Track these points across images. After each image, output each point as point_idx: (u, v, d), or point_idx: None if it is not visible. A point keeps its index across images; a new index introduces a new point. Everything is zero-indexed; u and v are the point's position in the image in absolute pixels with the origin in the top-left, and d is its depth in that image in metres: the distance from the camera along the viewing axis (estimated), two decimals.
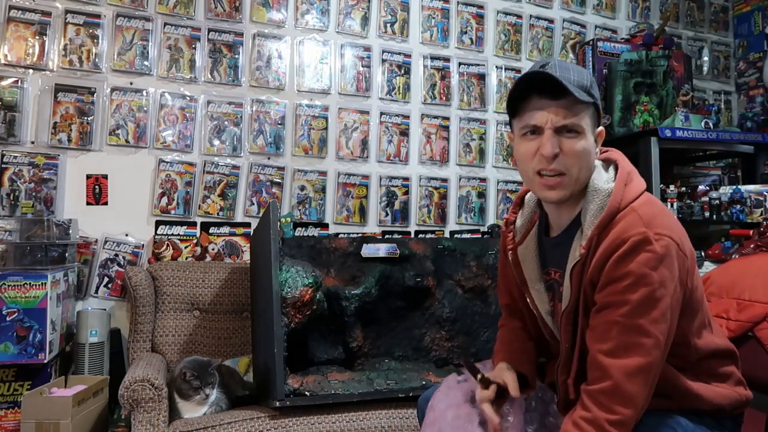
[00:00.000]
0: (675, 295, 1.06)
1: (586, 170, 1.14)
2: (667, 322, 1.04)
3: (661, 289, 1.03)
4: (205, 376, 1.87)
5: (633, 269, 1.03)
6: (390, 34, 2.98)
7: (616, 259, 1.05)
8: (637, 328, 1.03)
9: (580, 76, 1.13)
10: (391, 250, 2.42)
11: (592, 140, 1.14)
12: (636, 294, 1.03)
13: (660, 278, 1.03)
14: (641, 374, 1.02)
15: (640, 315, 1.02)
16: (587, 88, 1.12)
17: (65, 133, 2.44)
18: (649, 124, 2.89)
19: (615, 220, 1.08)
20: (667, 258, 1.04)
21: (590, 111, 1.14)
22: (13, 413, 2.03)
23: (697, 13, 3.75)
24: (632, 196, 1.11)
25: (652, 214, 1.08)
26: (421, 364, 2.33)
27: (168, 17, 2.62)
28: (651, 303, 1.02)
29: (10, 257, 2.20)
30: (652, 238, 1.04)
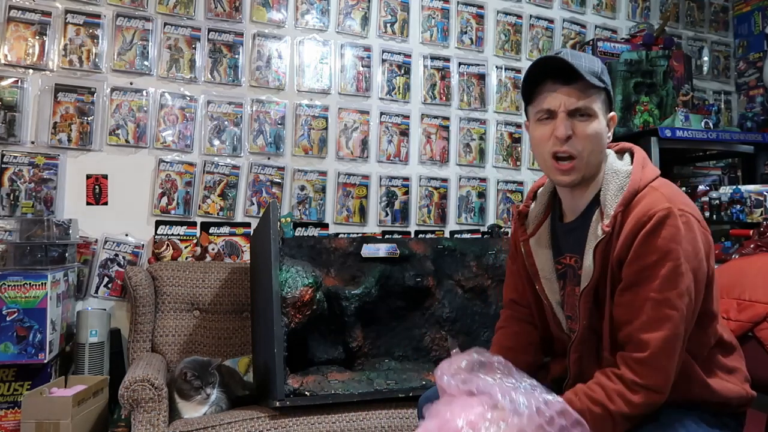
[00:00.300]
0: (700, 270, 1.10)
1: (598, 153, 1.18)
2: (691, 296, 1.08)
3: (685, 263, 1.07)
4: (205, 376, 1.87)
5: (660, 245, 1.07)
6: (390, 34, 2.98)
7: (644, 234, 1.08)
8: (665, 301, 1.06)
9: (591, 63, 1.17)
10: (391, 250, 2.42)
11: (604, 124, 1.18)
12: (664, 269, 1.06)
13: (684, 253, 1.07)
14: (671, 346, 1.06)
15: (668, 289, 1.06)
16: (599, 74, 1.17)
17: (65, 133, 2.44)
18: (649, 124, 2.89)
19: (637, 198, 1.12)
20: (690, 233, 1.09)
21: (602, 96, 1.18)
22: (13, 413, 2.03)
23: (697, 13, 3.75)
24: (650, 177, 1.16)
25: (673, 193, 1.13)
26: (421, 364, 2.33)
27: (168, 17, 2.62)
28: (677, 277, 1.06)
29: (10, 257, 2.20)
30: (676, 214, 1.08)
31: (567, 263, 1.26)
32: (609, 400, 1.07)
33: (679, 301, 1.06)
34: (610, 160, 1.21)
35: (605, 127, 1.19)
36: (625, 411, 1.06)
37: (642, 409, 1.07)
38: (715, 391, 1.15)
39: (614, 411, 1.06)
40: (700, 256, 1.10)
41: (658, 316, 1.06)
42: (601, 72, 1.18)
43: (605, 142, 1.20)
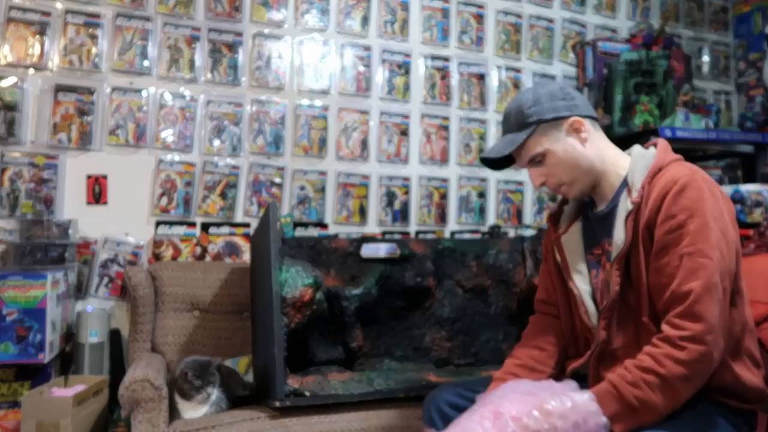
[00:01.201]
0: (728, 231, 1.15)
1: (579, 168, 1.28)
2: (722, 252, 1.12)
3: (713, 221, 1.12)
4: (206, 376, 1.87)
5: (686, 204, 1.13)
6: (390, 34, 2.98)
7: (671, 196, 1.15)
8: (698, 252, 1.10)
9: (518, 112, 1.30)
10: (391, 250, 2.42)
11: (563, 144, 1.28)
12: (692, 224, 1.12)
13: (711, 210, 1.13)
14: (708, 293, 1.08)
15: (699, 241, 1.11)
16: (527, 114, 1.28)
17: (65, 133, 2.44)
18: (649, 124, 2.89)
19: (662, 171, 1.21)
20: (714, 198, 1.15)
21: (541, 128, 1.28)
22: (13, 413, 2.03)
23: (697, 13, 3.74)
24: (674, 157, 1.26)
25: (696, 168, 1.21)
26: (421, 364, 2.33)
27: (168, 17, 2.62)
28: (706, 231, 1.11)
29: (10, 257, 2.20)
30: (699, 179, 1.16)
31: (599, 253, 1.32)
32: (659, 365, 1.08)
33: (712, 252, 1.10)
34: (637, 148, 1.31)
35: (566, 145, 1.27)
36: (677, 372, 1.06)
37: (693, 366, 1.07)
38: (737, 377, 1.15)
39: (666, 374, 1.07)
40: (725, 218, 1.15)
41: (692, 266, 1.10)
42: (531, 106, 1.28)
43: (578, 152, 1.28)
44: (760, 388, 1.19)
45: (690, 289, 1.09)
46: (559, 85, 1.35)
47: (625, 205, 1.23)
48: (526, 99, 1.30)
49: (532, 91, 1.32)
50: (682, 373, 1.06)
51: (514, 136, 1.29)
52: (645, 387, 1.07)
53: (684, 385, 1.07)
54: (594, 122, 1.32)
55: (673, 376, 1.06)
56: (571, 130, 1.28)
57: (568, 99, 1.30)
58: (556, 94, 1.30)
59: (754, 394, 1.18)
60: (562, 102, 1.29)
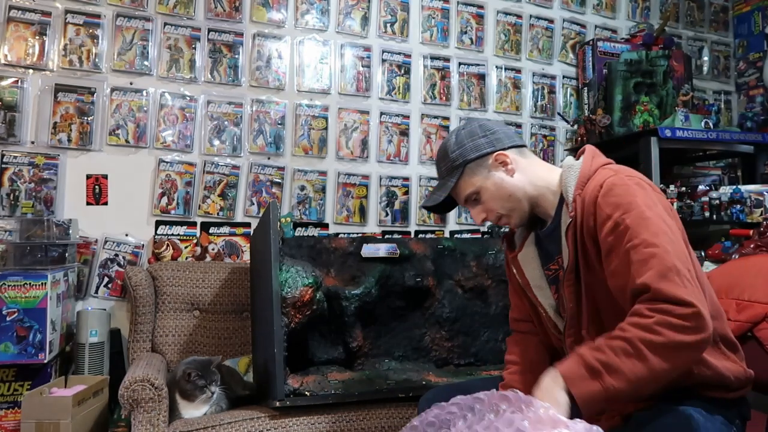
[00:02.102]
0: (666, 217, 1.14)
1: (513, 197, 1.31)
2: (669, 234, 1.10)
3: (647, 210, 1.12)
4: (208, 375, 1.87)
5: (617, 201, 1.14)
6: (390, 34, 2.98)
7: (601, 199, 1.17)
8: (642, 243, 1.09)
9: (444, 157, 1.34)
10: (391, 250, 2.42)
11: (491, 180, 1.31)
12: (629, 218, 1.12)
13: (643, 201, 1.13)
14: (665, 278, 1.04)
15: (640, 233, 1.10)
16: (453, 158, 1.32)
17: (65, 133, 2.44)
18: (649, 124, 2.89)
19: (590, 179, 1.23)
20: (642, 189, 1.16)
21: (468, 168, 1.31)
22: (13, 413, 2.03)
23: (697, 13, 3.75)
24: (601, 162, 1.28)
25: (621, 167, 1.25)
26: (421, 364, 2.33)
27: (168, 17, 2.62)
28: (644, 221, 1.11)
29: (10, 257, 2.20)
30: (624, 177, 1.19)
31: (555, 268, 1.32)
32: (623, 331, 1.04)
33: (656, 239, 1.08)
34: (566, 161, 1.32)
35: (495, 179, 1.30)
36: (644, 336, 1.01)
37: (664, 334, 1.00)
38: (715, 369, 1.14)
39: (632, 337, 1.02)
40: (659, 206, 1.15)
41: (641, 258, 1.07)
42: (455, 150, 1.32)
43: (508, 184, 1.31)
44: (741, 372, 1.18)
45: (644, 281, 1.05)
46: (478, 123, 1.36)
47: (565, 219, 1.25)
48: (449, 144, 1.34)
49: (455, 134, 1.35)
50: (649, 338, 1.01)
51: (446, 182, 1.33)
52: (608, 351, 1.03)
53: (655, 352, 1.00)
54: (520, 149, 1.34)
55: (640, 339, 1.01)
56: (497, 165, 1.31)
57: (489, 135, 1.33)
58: (475, 132, 1.33)
59: (737, 381, 1.17)
60: (483, 139, 1.32)
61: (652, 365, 1.01)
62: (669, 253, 1.06)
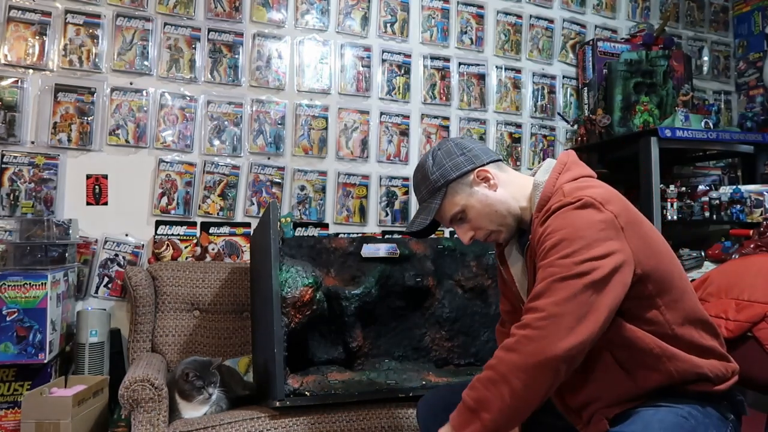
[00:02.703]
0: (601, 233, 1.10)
1: (499, 212, 1.30)
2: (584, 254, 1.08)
3: (574, 231, 1.11)
4: (207, 376, 1.87)
5: (549, 223, 1.16)
6: (390, 34, 2.98)
7: (538, 223, 1.19)
8: (548, 263, 1.11)
9: (424, 179, 1.33)
10: (391, 250, 2.42)
11: (476, 197, 1.30)
12: (549, 240, 1.13)
13: (572, 222, 1.12)
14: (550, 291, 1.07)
15: (552, 254, 1.11)
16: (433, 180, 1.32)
17: (65, 133, 2.44)
18: (649, 124, 2.89)
19: (548, 201, 1.22)
20: (582, 210, 1.13)
21: (452, 188, 1.31)
22: (13, 413, 2.03)
23: (697, 13, 3.75)
24: (564, 180, 1.24)
25: (578, 188, 1.20)
26: (421, 364, 2.33)
27: (168, 17, 2.62)
28: (563, 243, 1.11)
29: (10, 257, 2.20)
30: (568, 202, 1.16)
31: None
32: (493, 359, 1.10)
33: (564, 261, 1.08)
34: (537, 175, 1.32)
35: (480, 196, 1.30)
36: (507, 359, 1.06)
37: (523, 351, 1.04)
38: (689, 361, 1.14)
39: (496, 365, 1.08)
40: (593, 227, 1.11)
41: (543, 276, 1.10)
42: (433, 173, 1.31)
43: (492, 199, 1.30)
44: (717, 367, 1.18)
45: (535, 293, 1.10)
46: (453, 142, 1.36)
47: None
48: (427, 166, 1.33)
49: (430, 156, 1.35)
50: (511, 360, 1.05)
51: (429, 204, 1.33)
52: (478, 385, 1.08)
53: (515, 371, 1.04)
54: (497, 164, 1.34)
55: (504, 364, 1.06)
56: (479, 181, 1.31)
57: (467, 152, 1.33)
58: (452, 151, 1.33)
59: (715, 377, 1.17)
60: (462, 158, 1.32)
61: (518, 385, 1.03)
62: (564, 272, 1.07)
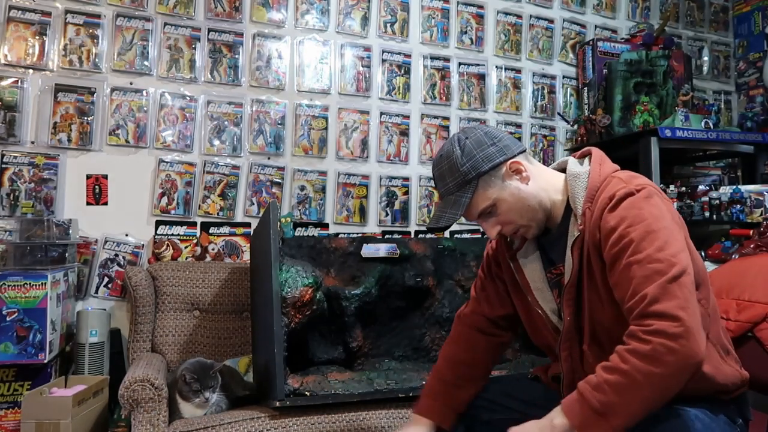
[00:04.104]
0: (675, 225, 1.13)
1: (529, 207, 1.25)
2: (675, 246, 1.08)
3: (656, 222, 1.10)
4: (205, 380, 1.85)
5: (624, 214, 1.12)
6: (390, 34, 2.98)
7: (607, 212, 1.14)
8: (646, 259, 1.06)
9: (452, 171, 1.23)
10: (391, 250, 2.42)
11: (508, 191, 1.24)
12: (635, 232, 1.09)
13: (650, 213, 1.11)
14: (666, 293, 1.02)
15: (645, 247, 1.07)
16: (464, 171, 1.22)
17: (65, 133, 2.44)
18: (649, 124, 2.89)
19: (599, 189, 1.19)
20: (652, 199, 1.14)
21: (483, 181, 1.23)
22: (13, 413, 2.03)
23: (697, 13, 3.75)
24: (609, 170, 1.23)
25: (631, 176, 1.20)
26: (421, 364, 2.33)
27: (168, 17, 2.62)
28: (651, 235, 1.08)
29: (10, 257, 2.20)
30: (634, 190, 1.14)
31: (558, 272, 1.28)
32: (622, 361, 1.02)
33: (661, 254, 1.06)
34: (570, 166, 1.28)
35: (512, 189, 1.24)
36: (641, 367, 1.00)
37: (660, 360, 0.99)
38: (709, 379, 1.14)
39: (630, 371, 1.00)
40: (667, 218, 1.12)
41: (644, 273, 1.05)
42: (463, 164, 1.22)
43: (525, 193, 1.24)
44: (737, 376, 1.19)
45: (646, 293, 1.04)
46: (482, 130, 1.27)
47: (573, 231, 1.21)
48: (455, 156, 1.23)
49: (458, 144, 1.25)
50: (646, 368, 1.00)
51: (458, 198, 1.23)
52: (608, 389, 1.02)
53: (653, 381, 1.00)
54: (525, 155, 1.29)
55: (639, 371, 1.00)
56: (511, 173, 1.24)
57: (497, 142, 1.25)
58: (483, 141, 1.24)
59: (733, 386, 1.18)
60: (493, 148, 1.24)
61: (653, 393, 1.01)
62: (672, 268, 1.04)
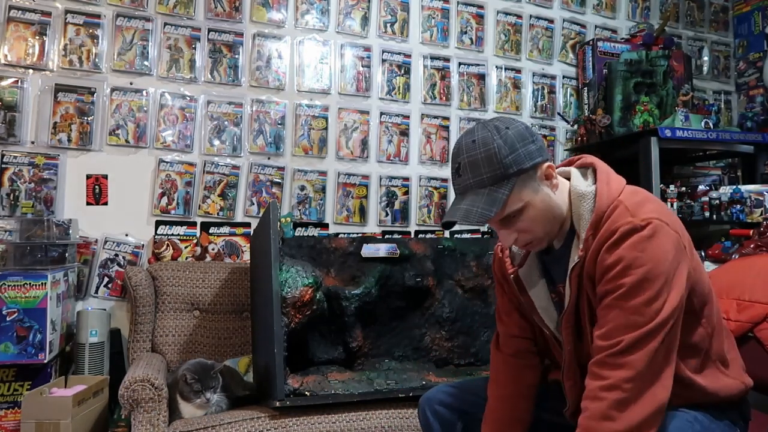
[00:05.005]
0: (676, 274, 1.05)
1: (552, 219, 1.15)
2: (665, 299, 1.03)
3: (655, 267, 1.04)
4: (206, 380, 1.86)
5: (623, 254, 1.05)
6: (390, 34, 2.98)
7: (607, 248, 1.07)
8: (632, 308, 1.03)
9: (491, 160, 1.09)
10: (391, 250, 2.42)
11: (540, 196, 1.13)
12: (630, 277, 1.04)
13: (652, 256, 1.04)
14: (637, 346, 1.02)
15: (634, 296, 1.03)
16: (506, 164, 1.09)
17: (65, 133, 2.44)
18: (649, 124, 2.89)
19: (605, 216, 1.11)
20: (656, 237, 1.05)
21: (521, 179, 1.10)
22: (13, 413, 2.03)
23: (697, 13, 3.75)
24: (616, 191, 1.13)
25: (638, 203, 1.11)
26: (421, 364, 2.33)
27: (168, 17, 2.62)
28: (645, 283, 1.03)
29: (10, 257, 2.19)
30: (639, 225, 1.06)
31: (561, 292, 1.23)
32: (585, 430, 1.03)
33: (647, 308, 1.03)
34: (574, 182, 1.18)
35: (543, 195, 1.13)
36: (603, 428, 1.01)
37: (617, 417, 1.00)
38: (715, 395, 1.15)
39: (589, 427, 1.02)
40: (670, 255, 1.05)
41: (626, 322, 1.03)
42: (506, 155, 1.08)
43: (553, 202, 1.15)
44: (740, 387, 1.19)
45: (620, 340, 1.03)
46: (522, 124, 1.15)
47: (574, 255, 1.15)
48: (496, 145, 1.09)
49: (497, 132, 1.11)
50: (610, 428, 1.01)
51: (493, 193, 1.09)
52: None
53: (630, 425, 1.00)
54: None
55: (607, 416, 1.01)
56: (544, 177, 1.13)
57: (537, 141, 1.14)
58: (525, 136, 1.12)
59: (738, 395, 1.18)
60: (533, 146, 1.12)
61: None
62: (651, 323, 1.02)
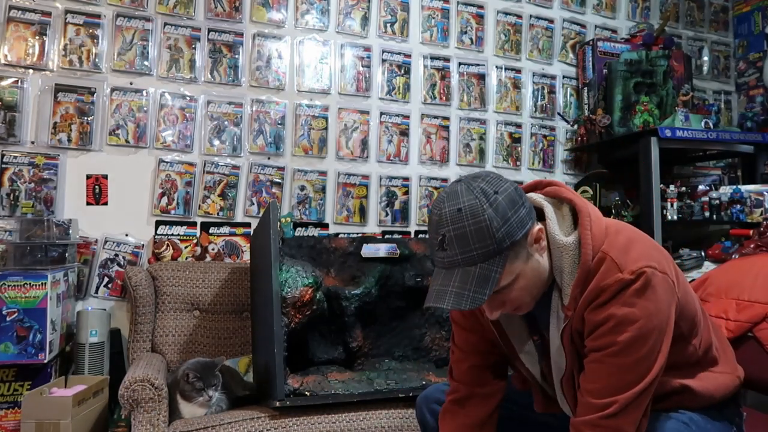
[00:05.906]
0: (668, 322, 1.03)
1: (541, 283, 1.09)
2: (657, 353, 1.02)
3: (647, 322, 1.00)
4: (208, 378, 1.87)
5: (614, 312, 1.01)
6: (390, 34, 2.98)
7: (596, 306, 1.03)
8: (626, 366, 1.01)
9: (482, 234, 0.98)
10: (391, 250, 2.42)
11: (530, 264, 1.05)
12: (622, 335, 1.00)
13: (643, 311, 1.00)
14: (626, 410, 1.01)
15: (627, 355, 1.01)
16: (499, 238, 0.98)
17: (65, 133, 2.44)
18: (649, 124, 2.89)
19: (591, 272, 1.04)
20: (648, 289, 1.01)
21: (512, 252, 1.02)
22: (13, 413, 2.03)
23: (697, 13, 3.75)
24: (600, 240, 1.05)
25: (623, 250, 1.04)
26: (421, 364, 2.33)
27: (168, 17, 2.62)
28: (639, 340, 1.00)
29: (10, 257, 2.19)
30: (628, 279, 1.01)
31: (539, 338, 1.20)
32: None
33: (639, 366, 1.01)
34: (552, 229, 1.08)
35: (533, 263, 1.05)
36: None
37: None
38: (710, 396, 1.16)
39: None
40: (662, 306, 1.02)
41: (618, 384, 1.02)
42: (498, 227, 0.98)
43: (542, 267, 1.07)
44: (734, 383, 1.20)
45: (613, 401, 1.00)
46: (511, 184, 1.05)
47: (557, 309, 1.10)
48: (487, 216, 0.98)
49: (488, 200, 0.99)
50: None
51: (485, 272, 0.99)
52: None
53: None
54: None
55: None
56: (533, 242, 1.05)
57: (525, 202, 1.04)
58: (515, 200, 1.02)
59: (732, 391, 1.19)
60: (523, 210, 1.03)
61: None
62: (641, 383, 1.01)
